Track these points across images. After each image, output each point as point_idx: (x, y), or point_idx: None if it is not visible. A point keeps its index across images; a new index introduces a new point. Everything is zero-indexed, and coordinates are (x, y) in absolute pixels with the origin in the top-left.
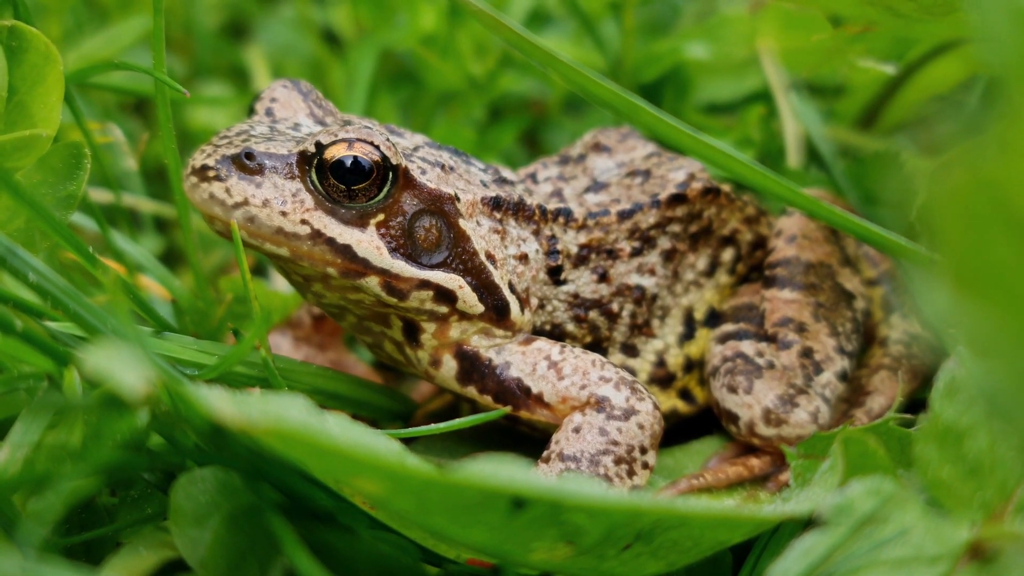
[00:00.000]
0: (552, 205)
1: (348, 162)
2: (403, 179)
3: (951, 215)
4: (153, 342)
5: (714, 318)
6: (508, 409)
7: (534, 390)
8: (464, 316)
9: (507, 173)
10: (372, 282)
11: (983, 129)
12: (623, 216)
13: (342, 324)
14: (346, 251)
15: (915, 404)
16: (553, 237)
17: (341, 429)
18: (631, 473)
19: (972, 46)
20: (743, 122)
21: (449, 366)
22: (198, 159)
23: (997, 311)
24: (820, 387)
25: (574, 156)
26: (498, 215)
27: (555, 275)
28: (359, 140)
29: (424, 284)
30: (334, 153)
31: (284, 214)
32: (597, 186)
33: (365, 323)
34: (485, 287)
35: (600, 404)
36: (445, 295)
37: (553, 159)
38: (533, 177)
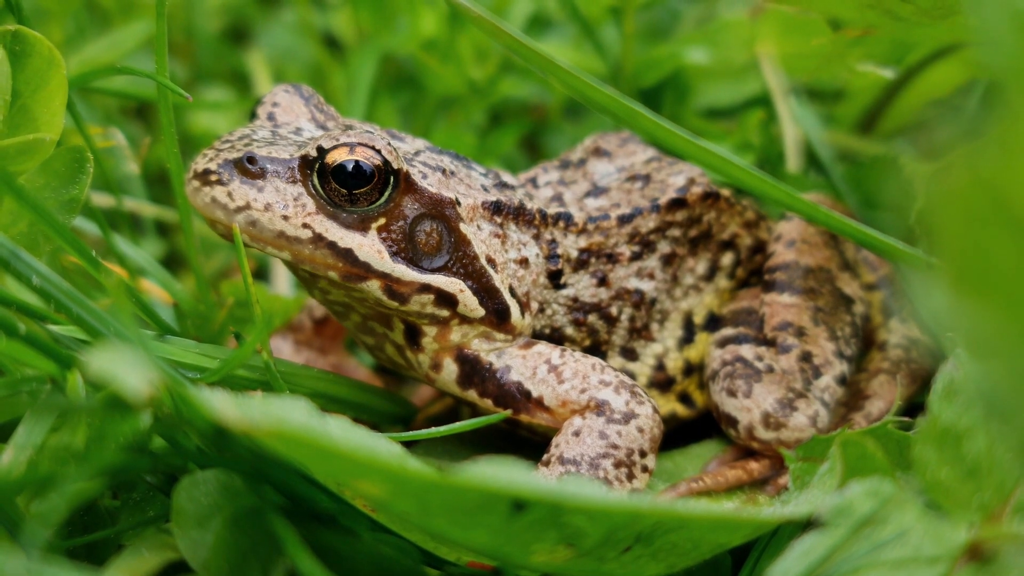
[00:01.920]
0: (552, 209)
1: (350, 166)
2: (404, 183)
3: (951, 216)
4: (155, 345)
5: (713, 322)
6: (508, 413)
7: (534, 394)
8: (465, 320)
9: (508, 177)
10: (373, 286)
11: (982, 132)
12: (623, 220)
13: (346, 324)
14: (347, 255)
15: (914, 408)
16: (553, 241)
17: (342, 432)
18: (631, 476)
19: (971, 49)
20: (743, 127)
21: (450, 370)
22: (200, 163)
23: (996, 312)
24: (819, 391)
25: (574, 160)
26: (499, 219)
27: (555, 279)
28: (361, 144)
29: (425, 288)
30: (336, 157)
31: (286, 218)
32: (597, 190)
33: (369, 323)
34: (486, 291)
35: (600, 408)
36: (446, 299)
37: (553, 163)
38: (533, 181)
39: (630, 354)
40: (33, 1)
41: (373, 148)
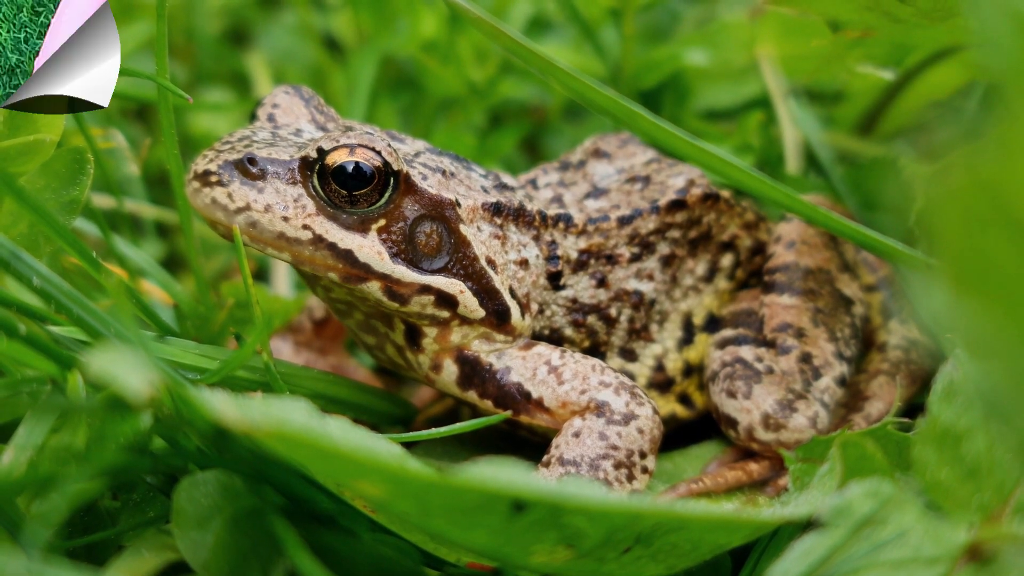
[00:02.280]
0: (552, 211)
1: (350, 168)
2: (404, 185)
3: (950, 217)
4: (155, 346)
5: (713, 323)
6: (508, 414)
7: (534, 395)
8: (465, 321)
9: (507, 179)
10: (373, 287)
11: (982, 134)
12: (623, 222)
13: (347, 322)
14: (347, 256)
15: (913, 409)
16: (553, 243)
17: (342, 432)
18: (630, 477)
19: (971, 51)
20: (742, 128)
21: (450, 371)
22: (200, 164)
23: (995, 312)
24: (819, 392)
25: (574, 162)
26: (499, 221)
27: (555, 280)
28: (361, 146)
29: (425, 289)
30: (336, 159)
31: (286, 219)
32: (597, 192)
33: (371, 321)
34: (486, 292)
35: (600, 409)
36: (446, 300)
37: (553, 165)
38: (533, 183)
39: (629, 355)
40: None
41: (373, 149)
